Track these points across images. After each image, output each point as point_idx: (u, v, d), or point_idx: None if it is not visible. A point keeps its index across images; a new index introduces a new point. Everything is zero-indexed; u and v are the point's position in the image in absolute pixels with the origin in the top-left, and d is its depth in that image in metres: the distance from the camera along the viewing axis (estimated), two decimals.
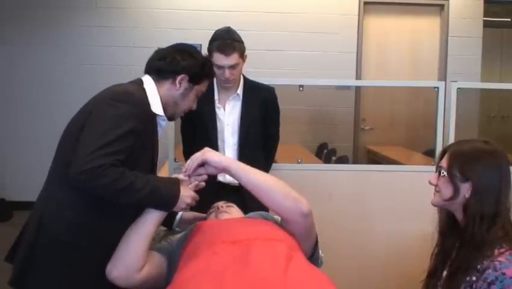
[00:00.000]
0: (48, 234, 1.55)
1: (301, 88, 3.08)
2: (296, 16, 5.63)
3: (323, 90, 5.42)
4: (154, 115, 1.69)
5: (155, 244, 1.75)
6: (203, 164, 1.67)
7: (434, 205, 1.63)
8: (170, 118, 1.81)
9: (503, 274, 1.35)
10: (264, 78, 2.74)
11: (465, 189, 1.51)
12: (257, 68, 5.60)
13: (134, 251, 1.55)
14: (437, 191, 1.59)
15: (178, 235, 1.81)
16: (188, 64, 1.73)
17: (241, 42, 2.38)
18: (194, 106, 1.83)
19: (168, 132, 2.94)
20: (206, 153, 1.66)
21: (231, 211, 1.89)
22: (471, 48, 5.75)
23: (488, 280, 1.36)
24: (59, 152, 1.64)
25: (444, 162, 1.57)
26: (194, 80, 1.75)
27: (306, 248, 1.62)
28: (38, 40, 5.51)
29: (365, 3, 5.70)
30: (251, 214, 1.86)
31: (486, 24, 5.86)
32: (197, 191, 1.73)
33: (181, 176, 1.68)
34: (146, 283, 1.58)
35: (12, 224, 5.08)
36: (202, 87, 1.80)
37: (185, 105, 1.79)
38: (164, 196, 1.58)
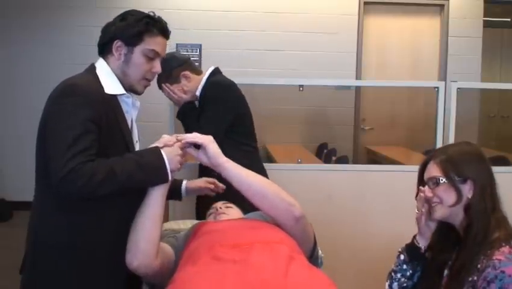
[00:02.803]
0: (43, 240, 1.54)
1: (301, 88, 3.08)
2: (296, 16, 5.63)
3: (323, 90, 5.41)
4: (111, 98, 1.58)
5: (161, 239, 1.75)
6: (199, 147, 1.62)
7: (440, 218, 1.56)
8: (133, 91, 1.67)
9: (503, 272, 1.35)
10: (264, 78, 2.75)
11: (467, 190, 1.52)
12: (257, 68, 5.63)
13: (149, 237, 1.53)
14: (438, 203, 1.54)
15: (182, 233, 1.81)
16: (117, 28, 1.61)
17: (167, 72, 2.40)
18: (157, 68, 1.66)
19: (168, 131, 2.94)
20: (209, 141, 1.61)
21: (229, 212, 1.89)
22: (471, 48, 5.75)
23: (488, 279, 1.37)
24: (36, 155, 1.59)
25: (435, 172, 1.55)
26: (129, 42, 1.60)
27: (304, 249, 1.61)
28: (38, 40, 5.51)
29: (365, 3, 5.70)
30: (249, 214, 1.85)
31: (486, 24, 5.86)
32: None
33: (158, 144, 1.59)
34: (162, 270, 1.56)
35: (12, 224, 5.09)
36: (148, 45, 1.62)
37: (136, 71, 1.62)
38: (151, 165, 1.51)
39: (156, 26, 1.63)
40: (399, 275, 1.63)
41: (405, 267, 1.62)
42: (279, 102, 5.41)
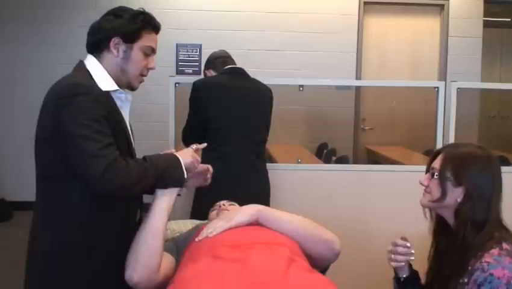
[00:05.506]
0: (45, 238, 1.54)
1: (301, 88, 3.09)
2: (296, 16, 5.63)
3: (323, 90, 5.41)
4: (106, 94, 1.57)
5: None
6: None
7: (422, 206, 1.62)
8: (129, 88, 1.68)
9: (491, 274, 1.35)
10: (264, 78, 2.75)
11: (458, 194, 1.50)
12: (257, 68, 5.62)
13: (150, 251, 1.52)
14: (428, 192, 1.58)
15: (184, 235, 1.80)
16: (115, 25, 1.61)
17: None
18: (152, 64, 1.68)
19: (169, 133, 2.94)
20: (235, 219, 1.63)
21: (233, 210, 1.89)
22: (471, 48, 5.75)
23: (478, 282, 1.37)
24: (36, 160, 1.58)
25: (437, 164, 1.55)
26: (128, 39, 1.61)
27: (320, 266, 1.65)
28: (38, 40, 5.51)
29: (365, 3, 5.70)
30: None
31: (486, 24, 5.86)
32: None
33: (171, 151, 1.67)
34: (164, 283, 1.53)
35: (12, 224, 5.08)
36: (145, 42, 1.64)
37: (134, 67, 1.63)
38: (169, 164, 1.56)
39: (150, 23, 1.65)
40: None
41: None
42: (279, 102, 5.38)
